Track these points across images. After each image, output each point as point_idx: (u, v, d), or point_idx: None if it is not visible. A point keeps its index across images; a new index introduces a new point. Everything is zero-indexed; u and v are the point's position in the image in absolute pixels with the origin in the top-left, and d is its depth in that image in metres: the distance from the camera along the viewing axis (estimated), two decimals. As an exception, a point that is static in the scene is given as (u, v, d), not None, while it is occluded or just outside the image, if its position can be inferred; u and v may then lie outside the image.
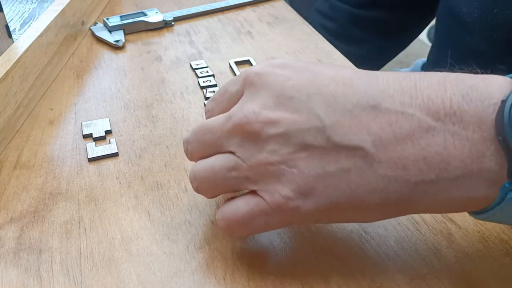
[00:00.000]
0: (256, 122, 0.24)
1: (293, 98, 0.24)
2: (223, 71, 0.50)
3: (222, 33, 0.58)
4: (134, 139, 0.40)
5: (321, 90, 0.24)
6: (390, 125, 0.22)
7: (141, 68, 0.51)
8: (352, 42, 0.71)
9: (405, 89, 0.23)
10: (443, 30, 0.59)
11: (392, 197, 0.23)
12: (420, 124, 0.22)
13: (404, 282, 0.27)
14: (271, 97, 0.24)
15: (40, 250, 0.30)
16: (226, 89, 0.28)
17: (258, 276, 0.28)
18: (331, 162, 0.23)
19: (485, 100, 0.21)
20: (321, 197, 0.24)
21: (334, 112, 0.23)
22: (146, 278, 0.28)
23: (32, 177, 0.36)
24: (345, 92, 0.24)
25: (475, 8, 0.49)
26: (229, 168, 0.25)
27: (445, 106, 0.22)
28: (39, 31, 0.45)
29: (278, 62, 0.26)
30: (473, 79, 0.23)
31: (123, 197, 0.34)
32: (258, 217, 0.25)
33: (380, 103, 0.23)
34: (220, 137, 0.26)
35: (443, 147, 0.22)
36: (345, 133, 0.23)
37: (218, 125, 0.26)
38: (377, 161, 0.23)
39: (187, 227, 0.31)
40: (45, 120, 0.43)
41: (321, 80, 0.24)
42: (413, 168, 0.22)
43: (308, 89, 0.24)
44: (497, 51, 0.49)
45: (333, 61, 0.51)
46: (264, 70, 0.26)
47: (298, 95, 0.24)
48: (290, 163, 0.24)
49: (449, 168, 0.22)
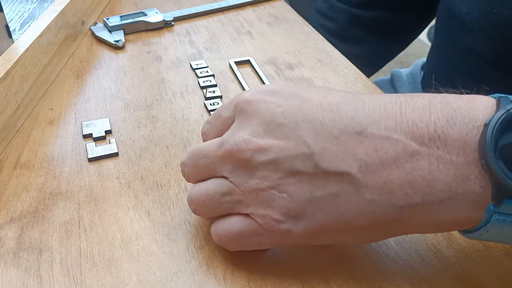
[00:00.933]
0: (247, 149, 0.25)
1: (282, 125, 0.25)
2: (223, 71, 0.50)
3: (222, 33, 0.58)
4: (134, 139, 0.40)
5: (309, 117, 0.25)
6: (376, 151, 0.23)
7: (141, 68, 0.51)
8: (352, 42, 0.71)
9: (390, 114, 0.23)
10: (443, 30, 0.59)
11: (379, 220, 0.24)
12: (405, 149, 0.23)
13: (404, 282, 0.27)
14: (261, 125, 0.25)
15: (40, 250, 0.30)
16: (220, 113, 0.29)
17: (258, 276, 0.28)
18: (319, 187, 0.24)
19: (469, 123, 0.22)
20: (310, 220, 0.25)
21: (321, 139, 0.24)
22: (146, 278, 0.28)
23: (32, 177, 0.36)
24: (332, 118, 0.24)
25: (475, 8, 0.49)
26: (222, 193, 0.26)
27: (429, 130, 0.22)
28: (39, 31, 0.45)
29: (268, 88, 0.27)
30: (458, 101, 0.23)
31: (123, 197, 0.34)
32: (250, 236, 0.26)
33: (366, 129, 0.23)
34: (213, 163, 0.27)
35: (427, 171, 0.22)
36: (333, 159, 0.24)
37: (211, 150, 0.27)
38: (364, 186, 0.23)
39: (187, 227, 0.31)
40: (45, 120, 0.43)
41: (309, 107, 0.25)
42: (399, 192, 0.23)
43: (296, 116, 0.25)
44: (497, 51, 0.49)
45: (333, 61, 0.51)
46: (254, 97, 0.26)
47: (286, 122, 0.25)
48: (280, 188, 0.25)
49: (434, 192, 0.22)
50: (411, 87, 0.70)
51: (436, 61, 0.62)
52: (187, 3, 0.67)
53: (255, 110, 0.26)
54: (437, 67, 0.61)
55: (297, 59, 0.52)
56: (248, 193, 0.25)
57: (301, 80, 0.48)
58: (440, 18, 0.60)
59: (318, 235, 0.25)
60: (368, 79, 0.48)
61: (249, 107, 0.26)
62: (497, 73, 0.51)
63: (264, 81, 0.47)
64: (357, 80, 0.48)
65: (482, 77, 0.52)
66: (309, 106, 0.25)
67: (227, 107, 0.28)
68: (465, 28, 0.51)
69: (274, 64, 0.51)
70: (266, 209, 0.25)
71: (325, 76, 0.48)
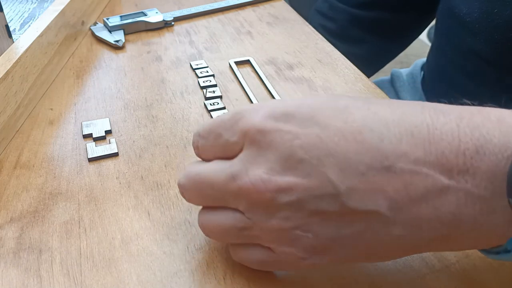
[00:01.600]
0: (266, 191, 0.23)
1: (302, 161, 0.22)
2: (223, 71, 0.50)
3: (222, 33, 0.58)
4: (134, 139, 0.40)
5: (332, 150, 0.22)
6: (405, 187, 0.22)
7: (141, 68, 0.51)
8: (352, 42, 0.71)
9: (418, 143, 0.22)
10: (443, 30, 0.59)
11: (406, 249, 0.24)
12: (434, 184, 0.22)
13: (404, 282, 0.27)
14: (279, 161, 0.23)
15: (40, 250, 0.30)
16: (220, 134, 0.25)
17: (258, 276, 0.28)
18: (346, 225, 0.23)
19: (498, 153, 0.21)
20: (336, 254, 0.24)
21: (347, 177, 0.22)
22: (146, 278, 0.28)
23: (32, 177, 0.36)
24: (357, 150, 0.22)
25: (475, 8, 0.49)
26: (240, 228, 0.25)
27: (458, 162, 0.21)
28: (39, 31, 0.45)
29: (280, 111, 0.24)
30: (487, 123, 0.22)
31: (123, 197, 0.34)
32: (272, 265, 0.26)
33: (394, 164, 0.22)
34: (224, 196, 0.25)
35: (455, 205, 0.22)
36: (361, 198, 0.22)
37: (220, 182, 0.25)
38: (392, 223, 0.22)
39: (187, 227, 0.31)
40: (45, 120, 0.43)
41: (330, 137, 0.23)
42: (427, 226, 0.22)
43: (318, 150, 0.22)
44: (497, 51, 0.49)
45: (333, 61, 0.51)
46: (267, 126, 0.23)
47: (307, 157, 0.22)
48: (304, 227, 0.23)
49: (461, 225, 0.22)
50: (411, 87, 0.70)
51: (436, 61, 0.62)
52: (187, 3, 0.67)
53: (270, 143, 0.23)
54: (437, 67, 0.61)
55: (297, 59, 0.52)
56: (269, 231, 0.24)
57: (301, 80, 0.48)
58: (440, 18, 0.60)
59: (340, 262, 0.25)
60: (368, 79, 0.48)
61: (262, 138, 0.23)
62: (497, 73, 0.51)
63: (264, 81, 0.47)
64: (357, 80, 0.48)
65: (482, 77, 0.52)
66: (329, 135, 0.23)
67: (231, 128, 0.25)
68: (465, 28, 0.51)
69: (274, 64, 0.51)
70: (290, 247, 0.24)
71: (325, 76, 0.48)
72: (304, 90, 0.46)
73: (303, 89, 0.46)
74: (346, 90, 0.46)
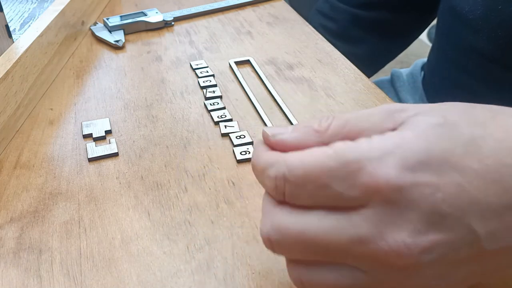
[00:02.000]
0: (411, 256, 0.21)
1: (446, 216, 0.21)
2: (223, 71, 0.50)
3: (222, 33, 0.58)
4: (134, 139, 0.40)
5: (474, 199, 0.21)
6: None
7: (141, 68, 0.51)
8: (353, 42, 0.71)
9: None
10: (444, 30, 0.59)
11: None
12: None
13: (404, 282, 0.27)
14: (421, 220, 0.21)
15: (40, 250, 0.30)
16: (327, 185, 0.21)
17: (258, 276, 0.28)
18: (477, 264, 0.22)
19: None
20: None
21: (487, 221, 0.21)
22: (146, 278, 0.28)
23: (32, 177, 0.36)
24: (496, 192, 0.21)
25: (478, 5, 0.49)
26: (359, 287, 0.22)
27: None
28: (39, 31, 0.45)
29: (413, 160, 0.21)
30: None
31: (123, 197, 0.34)
32: None
33: None
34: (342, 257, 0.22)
35: None
36: (497, 239, 0.21)
37: (340, 245, 0.21)
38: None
39: (187, 227, 0.31)
40: (45, 120, 0.43)
41: (471, 182, 0.21)
42: None
43: (460, 201, 0.21)
44: (501, 48, 0.49)
45: (333, 61, 0.51)
46: (405, 183, 0.20)
47: (451, 211, 0.21)
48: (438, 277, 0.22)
49: None
50: (411, 87, 0.70)
51: (437, 60, 0.62)
52: (187, 3, 0.67)
53: (409, 202, 0.20)
54: (438, 67, 0.61)
55: (297, 59, 0.52)
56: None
57: (301, 80, 0.48)
58: (441, 17, 0.60)
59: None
60: (368, 79, 0.48)
61: (400, 197, 0.20)
62: (499, 71, 0.50)
63: (264, 81, 0.47)
64: (357, 80, 0.48)
65: (483, 75, 0.52)
66: (470, 181, 0.21)
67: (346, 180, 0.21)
68: (468, 26, 0.51)
69: (274, 64, 0.51)
70: None
71: (325, 76, 0.48)
72: (304, 90, 0.46)
73: (303, 89, 0.46)
74: (346, 90, 0.46)
